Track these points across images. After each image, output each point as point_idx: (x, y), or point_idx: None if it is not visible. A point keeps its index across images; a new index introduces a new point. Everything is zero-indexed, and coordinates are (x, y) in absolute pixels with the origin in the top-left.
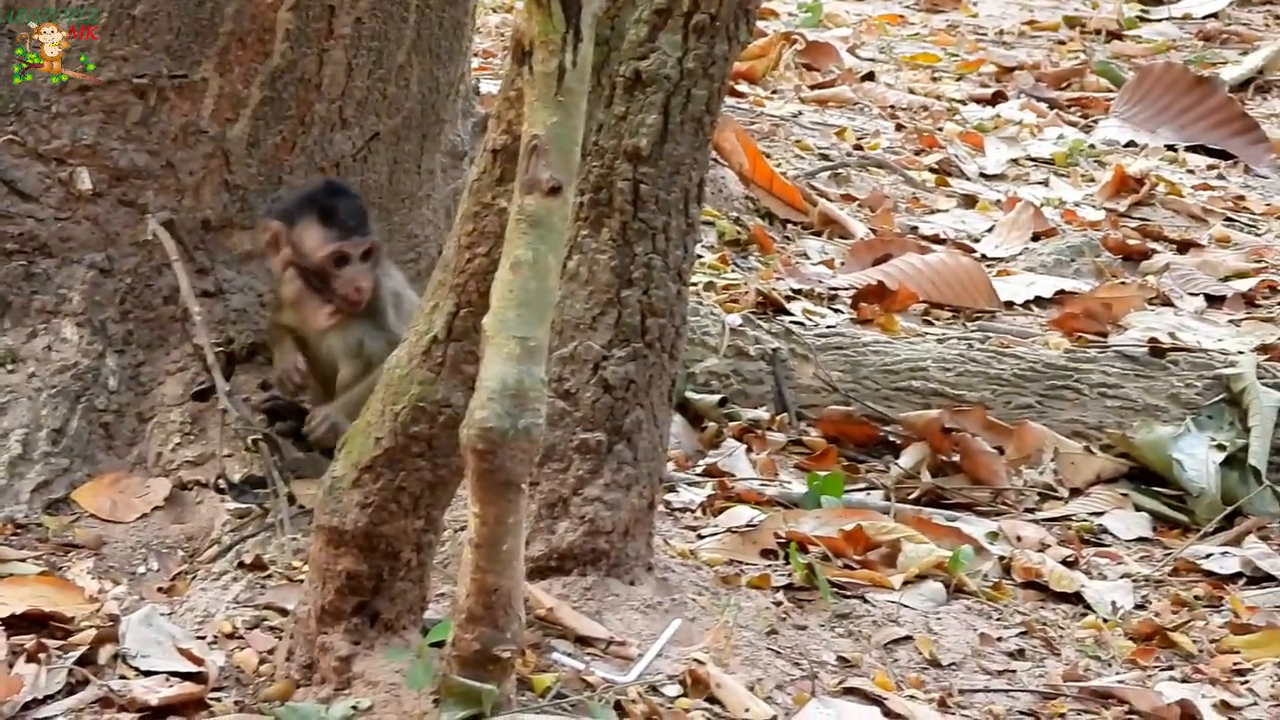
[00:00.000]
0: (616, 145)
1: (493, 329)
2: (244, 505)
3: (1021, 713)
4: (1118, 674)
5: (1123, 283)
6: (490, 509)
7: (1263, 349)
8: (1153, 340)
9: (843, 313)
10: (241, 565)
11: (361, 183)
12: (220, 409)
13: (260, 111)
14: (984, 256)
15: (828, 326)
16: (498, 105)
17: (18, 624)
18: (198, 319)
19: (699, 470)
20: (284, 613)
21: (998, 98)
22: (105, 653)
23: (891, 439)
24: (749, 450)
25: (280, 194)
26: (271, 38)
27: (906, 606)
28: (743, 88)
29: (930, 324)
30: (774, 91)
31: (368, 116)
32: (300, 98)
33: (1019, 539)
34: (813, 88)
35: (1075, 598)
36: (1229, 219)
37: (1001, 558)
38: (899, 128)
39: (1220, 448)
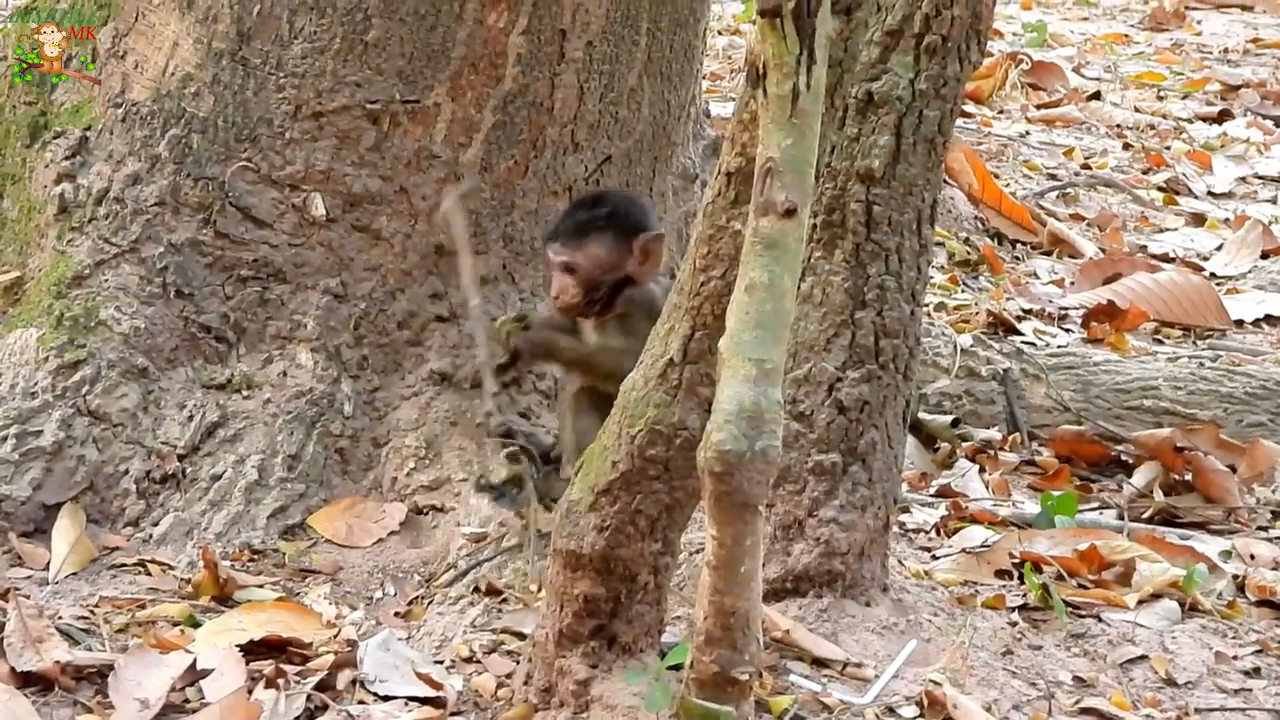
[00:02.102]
0: (849, 166)
1: (728, 351)
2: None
3: None
4: None
5: None
6: (727, 531)
7: None
8: None
9: (1073, 332)
10: (477, 590)
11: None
12: (485, 411)
13: (492, 136)
14: (1213, 275)
15: (1059, 346)
16: (732, 128)
17: (256, 650)
18: (475, 309)
19: (932, 491)
20: (521, 636)
21: (1224, 116)
22: (343, 678)
23: (1124, 458)
24: (982, 470)
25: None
26: (503, 62)
27: (1141, 626)
28: (970, 108)
29: (1161, 343)
30: (1001, 111)
31: (599, 140)
32: (532, 122)
33: (1252, 557)
34: (1039, 107)
35: None
36: None
37: (1235, 576)
38: (1126, 146)
39: None
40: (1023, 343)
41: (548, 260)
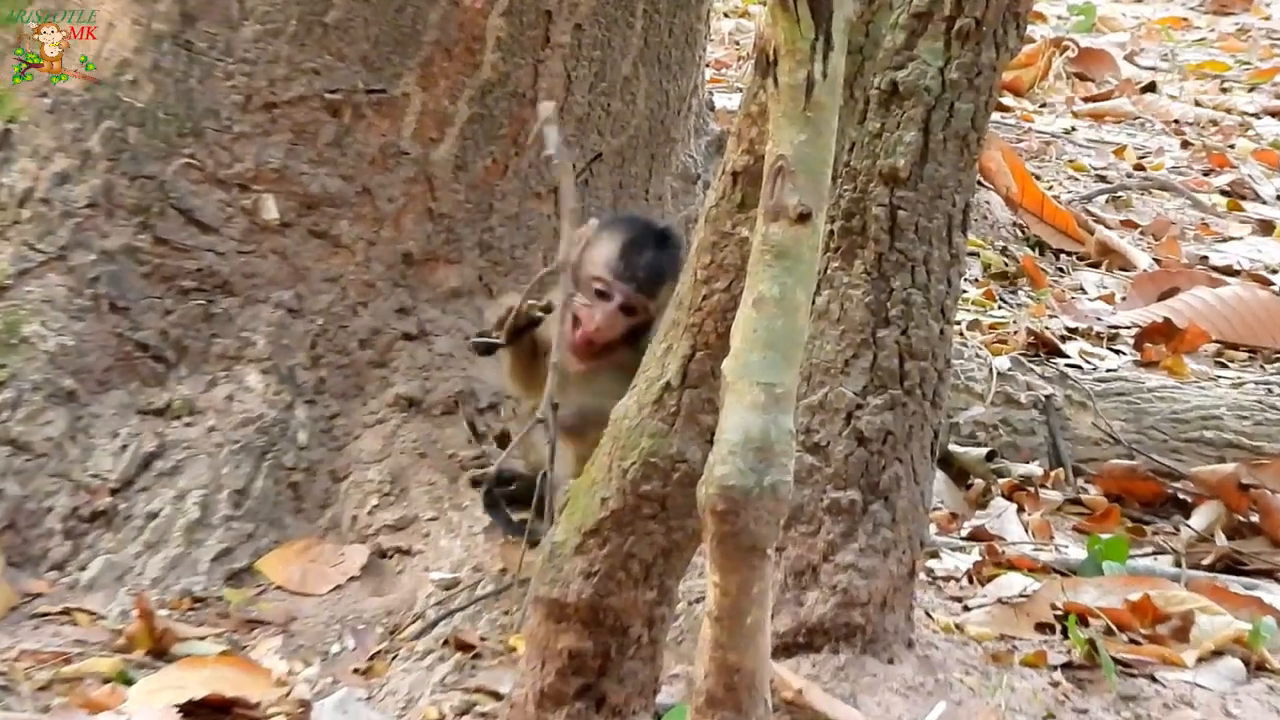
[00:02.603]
0: (871, 166)
1: (734, 374)
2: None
3: None
4: None
5: None
6: (732, 577)
7: None
8: None
9: (1124, 354)
10: (448, 643)
11: (582, 210)
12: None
13: (468, 130)
14: None
15: (1108, 370)
16: (738, 122)
17: (197, 711)
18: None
19: (964, 533)
20: (497, 697)
21: None
22: None
23: (1181, 497)
24: (1020, 510)
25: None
26: (481, 47)
27: (1201, 687)
28: (1008, 101)
29: (1224, 366)
30: (1043, 105)
31: (589, 135)
32: (513, 114)
33: None
34: (1086, 100)
35: None
36: None
37: None
38: (1185, 145)
39: None
40: (1067, 366)
41: (592, 283)
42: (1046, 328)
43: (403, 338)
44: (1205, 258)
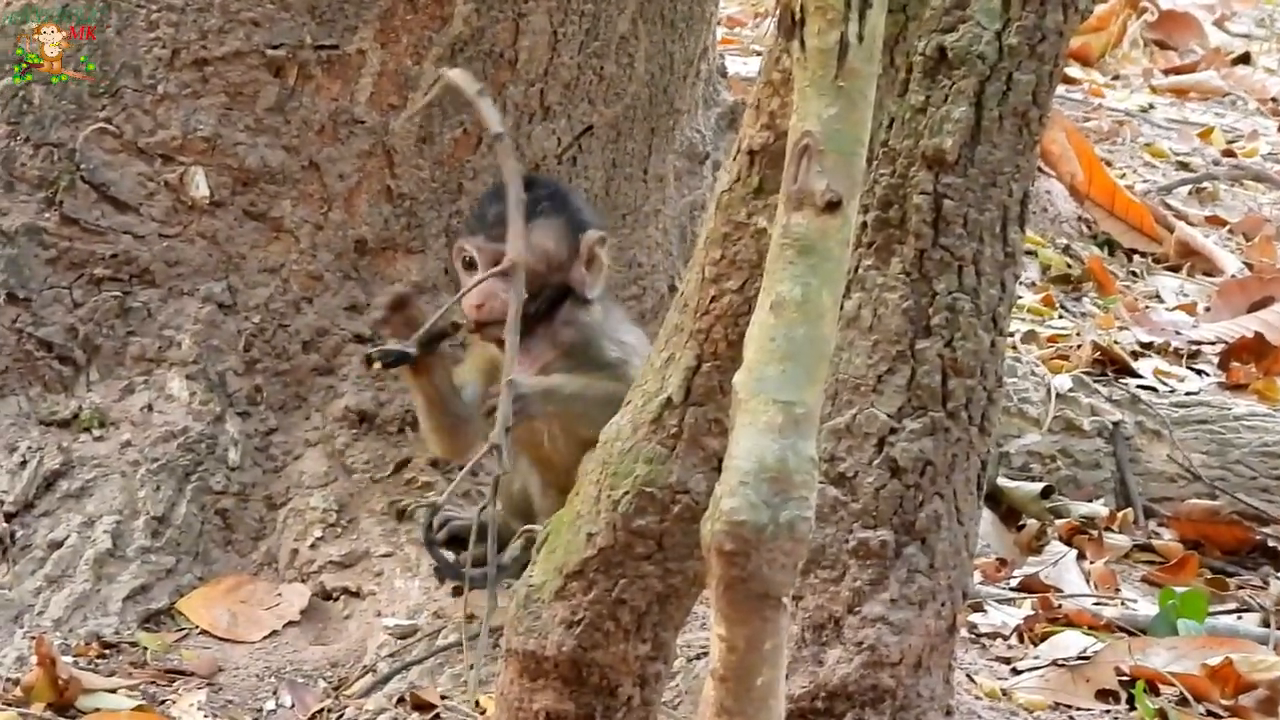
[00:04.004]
0: (913, 146)
1: (746, 390)
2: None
3: None
4: None
5: None
6: (740, 630)
7: None
8: None
9: (1207, 375)
10: (403, 701)
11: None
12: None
13: (435, 96)
14: None
15: (1187, 393)
16: (757, 92)
17: None
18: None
19: (1014, 583)
20: None
21: None
22: None
23: (1271, 544)
24: (1081, 557)
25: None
26: None
27: None
28: (1075, 72)
29: None
30: (1116, 77)
31: (578, 104)
32: (489, 78)
33: None
34: (1167, 73)
35: None
36: None
37: None
38: None
39: None
40: (1139, 387)
41: (460, 260)
42: (1116, 342)
43: (354, 340)
44: None
